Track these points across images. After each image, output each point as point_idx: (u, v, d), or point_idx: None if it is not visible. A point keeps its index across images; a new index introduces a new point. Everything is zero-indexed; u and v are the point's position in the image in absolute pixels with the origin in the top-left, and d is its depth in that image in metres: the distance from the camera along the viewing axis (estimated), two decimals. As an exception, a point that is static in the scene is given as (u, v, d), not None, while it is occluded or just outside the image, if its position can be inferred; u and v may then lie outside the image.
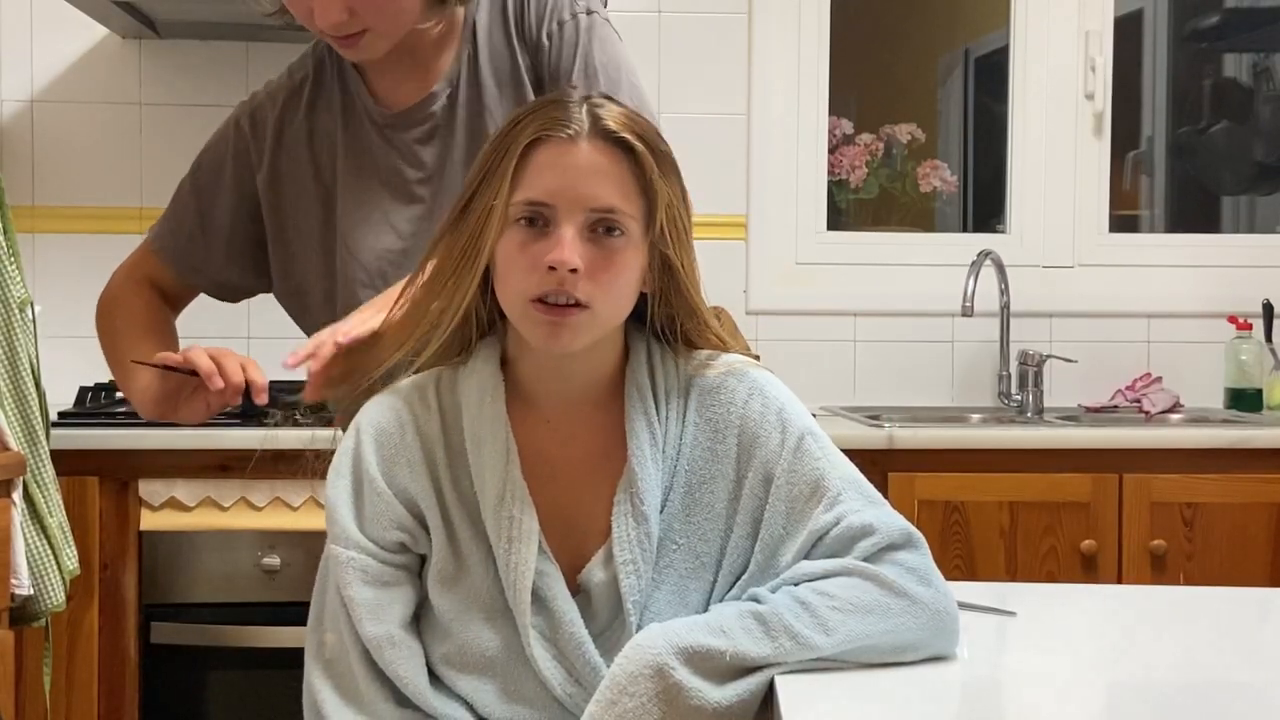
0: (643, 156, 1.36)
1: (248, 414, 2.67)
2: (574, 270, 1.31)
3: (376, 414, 1.40)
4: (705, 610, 1.36)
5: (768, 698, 1.25)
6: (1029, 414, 3.14)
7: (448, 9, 1.69)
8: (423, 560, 1.39)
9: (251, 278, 1.84)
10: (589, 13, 1.72)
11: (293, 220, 1.76)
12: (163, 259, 1.83)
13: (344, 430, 1.44)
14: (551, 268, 1.31)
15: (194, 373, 1.55)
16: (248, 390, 1.55)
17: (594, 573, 1.36)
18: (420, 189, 1.73)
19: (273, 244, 1.78)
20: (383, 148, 1.74)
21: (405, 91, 1.73)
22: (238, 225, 1.79)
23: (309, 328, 1.75)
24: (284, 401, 1.55)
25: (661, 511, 1.37)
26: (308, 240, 1.75)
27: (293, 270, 1.78)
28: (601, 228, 1.34)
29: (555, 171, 1.33)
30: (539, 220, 1.33)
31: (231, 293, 1.88)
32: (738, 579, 1.36)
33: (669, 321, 1.42)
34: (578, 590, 1.36)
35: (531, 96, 1.71)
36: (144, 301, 1.82)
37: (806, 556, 1.33)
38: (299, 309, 1.81)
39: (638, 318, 1.42)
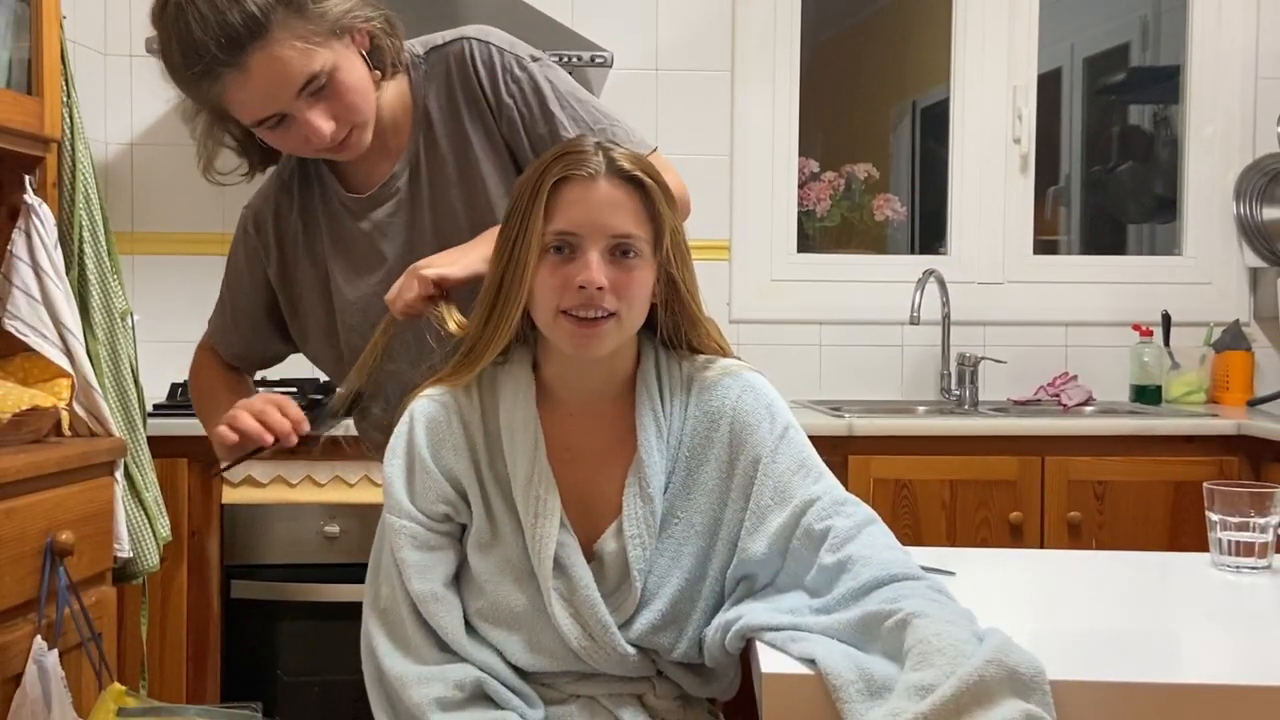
0: (651, 190, 1.36)
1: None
2: (600, 288, 1.32)
3: (427, 404, 1.40)
4: (696, 568, 1.36)
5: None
6: (966, 406, 3.14)
7: (385, 76, 1.57)
8: (463, 528, 1.39)
9: (290, 346, 1.78)
10: (534, 59, 1.60)
11: (303, 303, 1.70)
12: (215, 349, 1.80)
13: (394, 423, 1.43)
14: (581, 286, 1.31)
15: (259, 449, 1.49)
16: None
17: (607, 543, 1.36)
18: (394, 262, 1.62)
19: (290, 322, 1.73)
20: (357, 229, 1.64)
21: (371, 174, 1.64)
22: (261, 313, 1.73)
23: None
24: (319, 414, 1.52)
25: (665, 491, 1.38)
26: (315, 318, 1.70)
27: (309, 341, 1.73)
28: (619, 251, 1.34)
29: (580, 206, 1.34)
30: (566, 248, 1.34)
31: (275, 360, 1.82)
32: (735, 544, 1.36)
33: (674, 329, 1.42)
34: (592, 557, 1.37)
35: (503, 158, 1.60)
36: (211, 369, 1.79)
37: (802, 517, 1.32)
38: (320, 369, 1.78)
39: (648, 328, 1.42)
